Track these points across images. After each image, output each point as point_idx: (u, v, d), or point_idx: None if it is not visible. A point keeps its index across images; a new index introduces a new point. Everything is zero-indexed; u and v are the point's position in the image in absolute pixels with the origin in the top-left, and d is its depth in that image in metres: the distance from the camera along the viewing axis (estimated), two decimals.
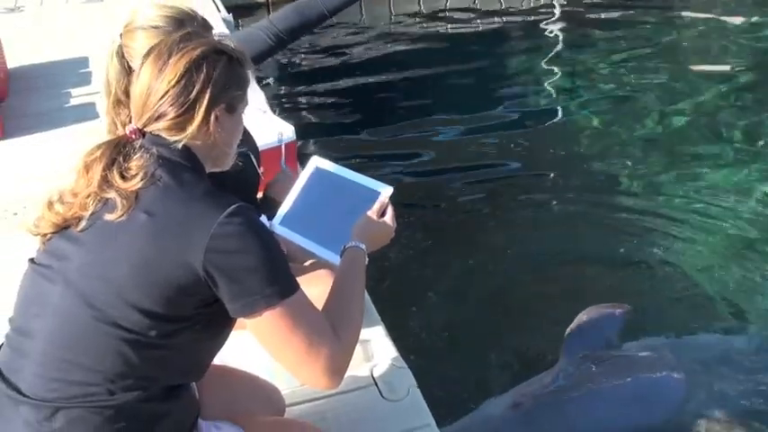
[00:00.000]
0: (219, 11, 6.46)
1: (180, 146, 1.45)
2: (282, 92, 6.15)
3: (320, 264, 2.47)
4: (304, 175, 1.89)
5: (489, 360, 3.17)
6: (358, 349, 2.34)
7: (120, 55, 1.97)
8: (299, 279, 2.34)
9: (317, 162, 1.88)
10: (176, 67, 1.41)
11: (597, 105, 5.97)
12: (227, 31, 5.20)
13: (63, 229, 1.42)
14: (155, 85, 1.42)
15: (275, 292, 1.38)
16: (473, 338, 3.30)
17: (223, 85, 1.45)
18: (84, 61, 5.06)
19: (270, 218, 1.93)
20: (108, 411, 1.34)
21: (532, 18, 7.76)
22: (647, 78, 6.30)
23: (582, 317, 2.96)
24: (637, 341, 2.93)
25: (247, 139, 2.45)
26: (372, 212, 1.77)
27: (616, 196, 4.60)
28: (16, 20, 6.49)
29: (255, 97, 3.52)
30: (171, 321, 1.37)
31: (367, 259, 1.71)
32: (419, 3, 8.16)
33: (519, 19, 7.81)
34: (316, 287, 2.37)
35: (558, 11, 7.85)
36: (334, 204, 1.87)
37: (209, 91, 1.42)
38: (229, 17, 6.34)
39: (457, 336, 3.32)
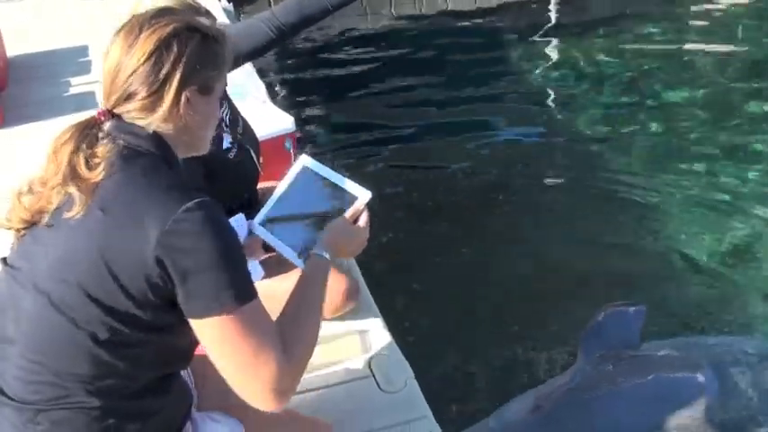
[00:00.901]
0: (220, 0, 6.45)
1: (150, 131, 1.38)
2: (283, 83, 6.13)
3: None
4: (290, 174, 1.79)
5: (488, 354, 3.16)
6: (356, 341, 2.37)
7: None
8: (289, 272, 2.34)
9: (304, 161, 1.79)
10: (146, 43, 1.33)
11: (603, 97, 5.93)
12: (227, 21, 5.20)
13: (33, 224, 1.36)
14: (124, 62, 1.34)
15: (229, 296, 1.29)
16: (473, 332, 3.29)
17: (196, 64, 1.36)
18: (83, 50, 5.05)
19: (251, 217, 1.87)
20: (94, 412, 1.33)
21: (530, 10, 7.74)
22: (649, 64, 6.28)
23: (598, 316, 2.89)
24: (656, 341, 2.87)
25: (246, 130, 2.44)
26: (344, 218, 1.69)
27: (629, 189, 4.48)
28: (16, 9, 6.48)
29: (256, 88, 3.52)
30: (140, 322, 1.31)
31: (331, 268, 1.61)
32: None
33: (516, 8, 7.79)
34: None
35: (554, 8, 7.85)
36: (313, 207, 1.79)
37: (180, 69, 1.34)
38: (229, 6, 6.34)
39: (456, 329, 3.31)
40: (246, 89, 3.31)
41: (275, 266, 2.01)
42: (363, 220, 1.70)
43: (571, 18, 7.57)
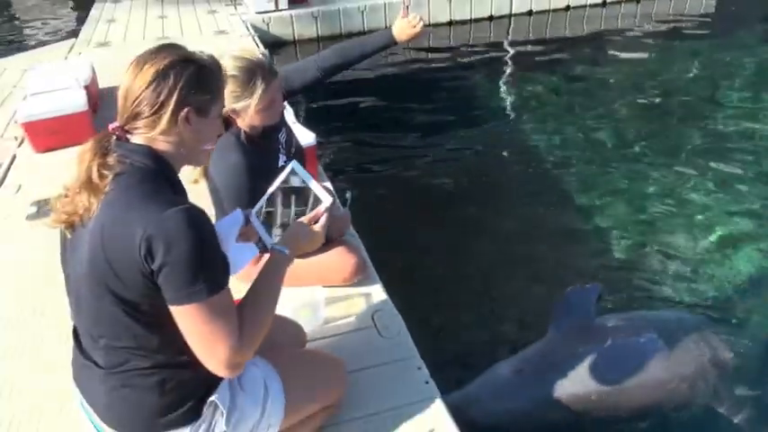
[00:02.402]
0: (258, 46, 6.48)
1: (148, 148, 1.30)
2: (305, 107, 6.14)
3: (343, 243, 2.48)
4: (282, 175, 1.65)
5: (466, 313, 3.14)
6: (362, 301, 2.38)
7: None
8: (330, 251, 2.34)
9: (292, 165, 1.65)
10: (147, 73, 1.27)
11: (545, 113, 5.91)
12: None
13: (71, 224, 1.29)
14: (132, 88, 1.29)
15: (195, 291, 1.21)
16: (454, 296, 3.26)
17: (191, 89, 1.29)
18: None
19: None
20: (147, 371, 1.33)
21: (490, 54, 7.75)
22: (579, 96, 6.23)
23: (564, 295, 2.82)
24: (610, 314, 2.80)
25: (297, 148, 2.43)
26: (305, 219, 1.57)
27: (590, 188, 4.40)
28: (105, 52, 6.50)
29: (288, 112, 3.54)
30: (154, 306, 1.26)
31: (292, 261, 1.49)
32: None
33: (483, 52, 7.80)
34: (335, 256, 2.40)
35: (511, 51, 7.87)
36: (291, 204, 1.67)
37: (175, 94, 1.28)
38: (266, 52, 6.38)
39: (439, 293, 3.28)
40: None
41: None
42: (320, 222, 1.57)
43: (527, 47, 7.60)
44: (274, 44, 7.75)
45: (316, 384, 1.70)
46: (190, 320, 1.24)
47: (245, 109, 2.03)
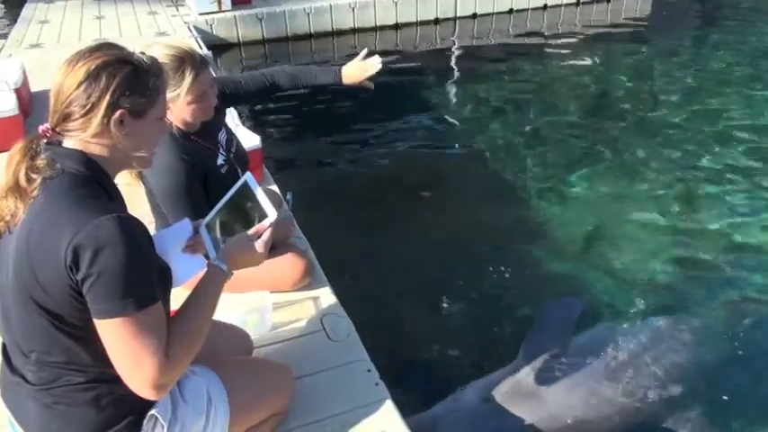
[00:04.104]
0: (201, 48, 6.35)
1: (80, 152, 1.23)
2: (249, 109, 6.04)
3: (290, 246, 2.46)
4: (235, 186, 1.57)
5: (412, 312, 3.14)
6: (311, 304, 2.36)
7: None
8: (277, 255, 2.30)
9: (246, 177, 1.56)
10: (78, 72, 1.21)
11: (489, 113, 6.05)
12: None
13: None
14: (62, 88, 1.22)
15: (123, 304, 1.15)
16: (400, 297, 3.26)
17: (123, 92, 1.22)
18: None
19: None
20: (82, 386, 1.28)
21: (437, 58, 7.85)
22: (522, 96, 6.37)
23: (539, 314, 2.68)
24: (579, 333, 2.73)
25: (239, 150, 2.36)
26: (247, 233, 1.48)
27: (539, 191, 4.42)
28: (38, 53, 6.25)
29: (231, 115, 3.48)
30: (82, 320, 1.19)
31: (231, 274, 1.41)
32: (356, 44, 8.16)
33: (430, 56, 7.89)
34: (283, 260, 2.37)
35: (456, 52, 7.99)
36: (239, 217, 1.58)
37: (107, 95, 1.21)
38: (209, 54, 6.26)
39: (388, 295, 3.28)
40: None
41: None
42: (263, 238, 1.47)
43: (468, 58, 7.73)
44: (218, 46, 7.61)
45: (261, 391, 1.67)
46: (115, 335, 1.17)
47: (174, 100, 1.95)
